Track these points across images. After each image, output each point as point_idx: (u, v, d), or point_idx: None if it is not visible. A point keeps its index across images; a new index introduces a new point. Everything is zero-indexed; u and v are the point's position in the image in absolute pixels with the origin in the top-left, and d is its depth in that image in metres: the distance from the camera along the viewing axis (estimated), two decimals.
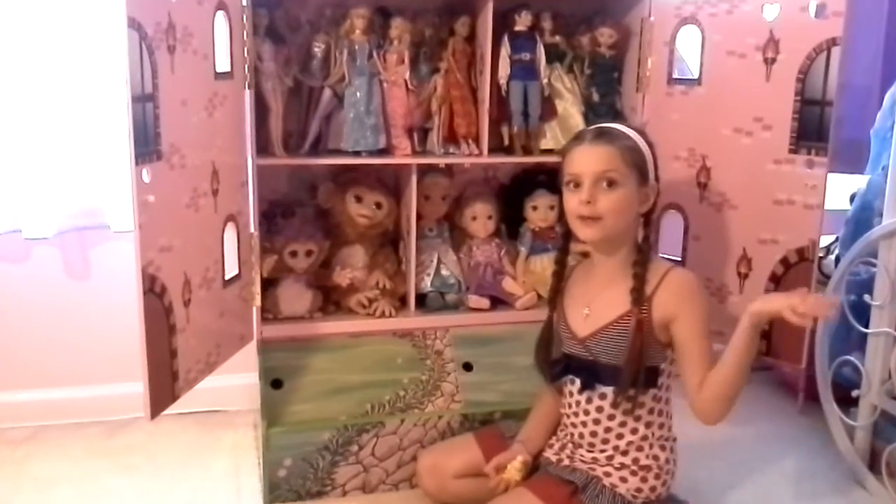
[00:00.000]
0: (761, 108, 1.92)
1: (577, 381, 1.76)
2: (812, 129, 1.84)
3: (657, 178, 1.74)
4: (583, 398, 1.75)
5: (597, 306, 1.74)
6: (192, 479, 2.08)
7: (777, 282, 1.95)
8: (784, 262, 1.93)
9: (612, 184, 1.65)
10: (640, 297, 1.67)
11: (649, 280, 1.69)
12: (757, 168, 1.94)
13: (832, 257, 2.47)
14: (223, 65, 1.79)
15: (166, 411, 2.39)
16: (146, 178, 1.51)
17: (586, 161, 1.67)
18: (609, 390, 1.71)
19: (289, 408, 1.96)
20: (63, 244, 2.25)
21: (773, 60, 1.89)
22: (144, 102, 1.50)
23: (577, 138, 1.74)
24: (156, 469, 2.13)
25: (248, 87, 1.90)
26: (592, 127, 1.77)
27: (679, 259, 2.15)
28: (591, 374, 1.73)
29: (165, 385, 1.64)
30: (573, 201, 1.68)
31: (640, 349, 1.65)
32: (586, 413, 1.75)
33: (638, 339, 1.65)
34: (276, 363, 2.03)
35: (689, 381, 1.65)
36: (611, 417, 1.72)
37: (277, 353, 2.04)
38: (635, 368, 1.65)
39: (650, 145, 1.73)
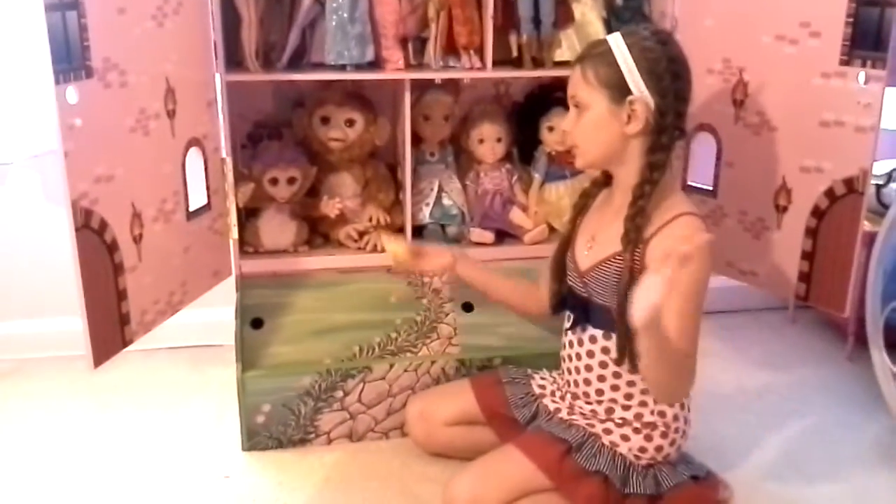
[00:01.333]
0: (809, 11, 1.62)
1: (571, 318, 1.58)
2: (869, 35, 1.54)
3: (665, 93, 1.43)
4: (574, 338, 1.58)
5: (601, 238, 1.54)
6: (172, 422, 1.95)
7: (820, 217, 1.68)
8: (829, 193, 1.66)
9: (578, 107, 1.49)
10: (631, 238, 1.44)
11: (653, 220, 1.45)
12: (802, 83, 1.66)
13: (894, 185, 2.17)
14: None
15: (156, 345, 2.34)
16: (71, 98, 1.32)
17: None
18: (599, 334, 1.52)
19: (268, 349, 1.81)
20: (41, 167, 2.11)
21: None
22: (65, 11, 1.29)
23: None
24: (136, 409, 2.01)
25: None
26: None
27: (710, 188, 1.89)
28: (583, 312, 1.55)
29: (112, 329, 1.49)
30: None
31: (626, 288, 1.42)
32: (578, 357, 1.57)
33: (627, 286, 1.42)
34: (256, 301, 1.86)
35: None
36: (603, 365, 1.53)
37: (258, 289, 1.87)
38: (624, 314, 1.42)
39: (645, 50, 1.43)
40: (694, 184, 1.93)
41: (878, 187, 2.16)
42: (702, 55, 1.76)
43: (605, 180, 1.60)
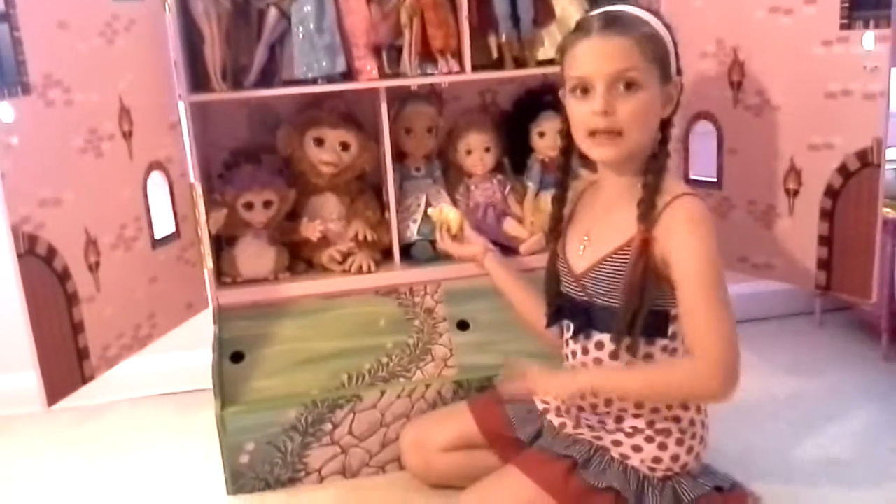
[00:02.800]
0: None
1: (572, 327, 1.43)
2: None
3: (679, 71, 1.35)
4: (578, 347, 1.42)
5: (597, 234, 1.39)
6: (157, 470, 1.83)
7: (835, 197, 1.54)
8: (842, 170, 1.53)
9: (631, 86, 1.28)
10: (648, 209, 1.30)
11: (657, 201, 1.31)
12: (802, 54, 1.54)
13: None
14: None
15: (144, 393, 2.23)
16: (6, 115, 1.23)
17: (597, 59, 1.29)
18: (606, 338, 1.36)
19: (250, 384, 1.68)
20: None
21: None
22: None
23: (580, 29, 1.34)
24: (121, 458, 1.89)
25: (168, 11, 1.59)
26: (597, 12, 1.35)
27: (714, 180, 1.76)
28: (586, 317, 1.40)
29: (69, 365, 1.38)
30: (583, 112, 1.31)
31: (640, 282, 1.28)
32: (584, 367, 1.41)
33: (639, 269, 1.29)
34: (235, 333, 1.74)
35: (688, 343, 1.30)
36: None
37: (237, 321, 1.76)
38: (633, 307, 1.29)
39: (669, 29, 1.34)
40: (696, 177, 1.80)
41: None
42: (693, 39, 1.65)
43: (564, 179, 1.47)
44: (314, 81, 1.73)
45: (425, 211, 1.89)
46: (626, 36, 1.28)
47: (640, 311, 1.30)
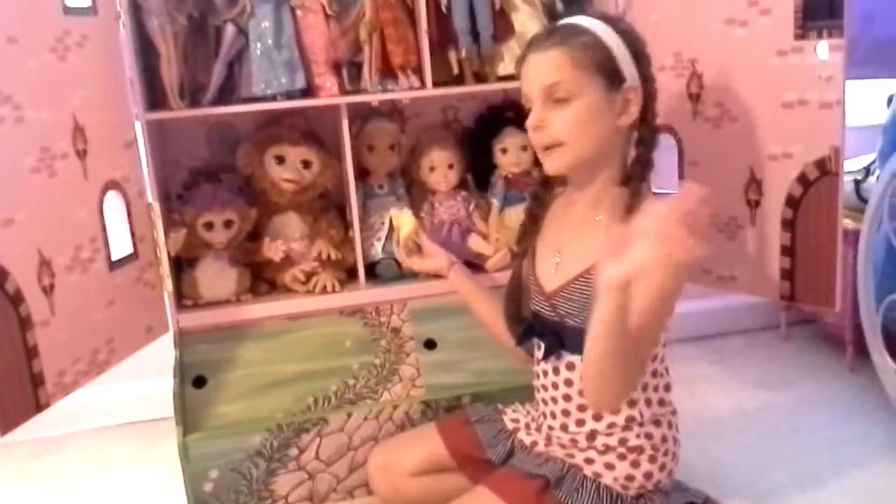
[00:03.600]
0: None
1: (542, 347, 1.40)
2: (821, 4, 1.45)
3: (647, 78, 1.34)
4: (549, 367, 1.39)
5: (569, 253, 1.37)
6: (120, 500, 1.77)
7: (796, 206, 1.55)
8: (802, 179, 1.53)
9: (562, 99, 1.28)
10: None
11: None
12: (758, 65, 1.55)
13: (873, 179, 2.05)
14: None
15: (104, 423, 2.16)
16: None
17: (533, 74, 1.31)
18: (578, 360, 1.33)
19: (213, 409, 1.64)
20: None
21: None
22: None
23: (529, 45, 1.34)
24: (81, 490, 1.83)
25: (122, 27, 1.57)
26: (545, 27, 1.36)
27: (675, 192, 1.76)
28: (557, 338, 1.37)
29: (23, 391, 1.32)
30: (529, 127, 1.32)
31: None
32: (555, 387, 1.39)
33: None
34: (197, 357, 1.70)
35: None
36: (583, 393, 1.34)
37: (199, 345, 1.71)
38: None
39: (625, 33, 1.32)
40: (658, 191, 1.80)
41: (857, 182, 2.05)
42: (651, 52, 1.65)
43: (543, 193, 1.46)
44: (273, 98, 1.71)
45: (389, 229, 1.87)
46: (559, 48, 1.28)
47: None
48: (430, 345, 1.77)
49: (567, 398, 1.37)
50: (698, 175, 1.71)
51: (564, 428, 1.38)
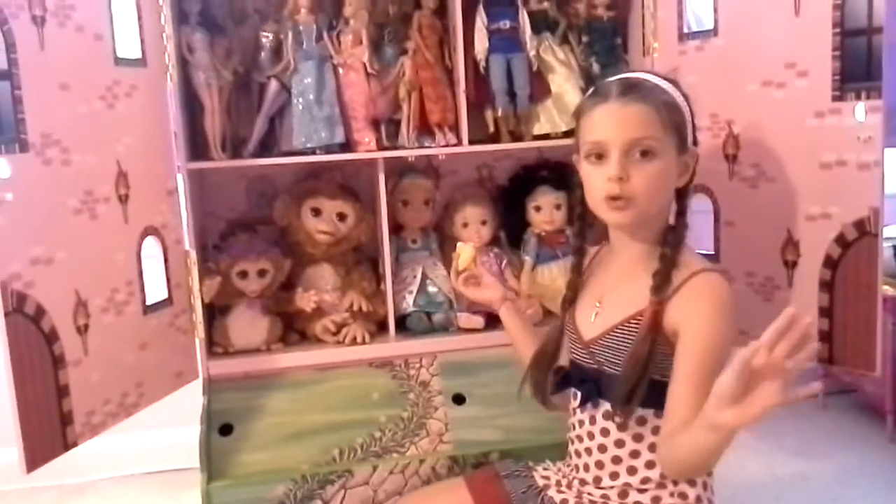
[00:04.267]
0: (793, 51, 1.54)
1: (579, 395, 1.38)
2: (859, 65, 1.45)
3: (696, 141, 1.37)
4: (585, 416, 1.38)
5: (609, 302, 1.37)
6: None
7: (834, 267, 1.53)
8: (840, 240, 1.51)
9: (647, 153, 1.27)
10: (663, 282, 1.28)
11: (673, 276, 1.30)
12: (795, 126, 1.55)
13: None
14: (128, 50, 1.52)
15: (128, 471, 2.15)
16: (3, 171, 1.23)
17: (614, 124, 1.29)
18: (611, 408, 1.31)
19: (238, 457, 1.63)
20: None
21: None
22: None
23: (598, 93, 1.34)
24: None
25: (170, 80, 1.62)
26: (615, 78, 1.35)
27: (712, 252, 1.75)
28: (594, 386, 1.36)
29: (51, 429, 1.33)
30: (598, 178, 1.30)
31: (647, 350, 1.25)
32: (590, 437, 1.37)
33: (647, 341, 1.26)
34: (225, 405, 1.69)
35: (664, 415, 1.25)
36: (619, 444, 1.33)
37: (228, 392, 1.71)
38: (636, 374, 1.25)
39: (686, 98, 1.35)
40: (700, 251, 1.79)
41: None
42: None
43: (581, 246, 1.46)
44: (313, 152, 1.75)
45: (421, 283, 1.88)
46: (644, 103, 1.28)
47: (641, 382, 1.27)
48: (458, 399, 1.75)
49: (602, 449, 1.34)
50: (734, 235, 1.70)
51: (597, 482, 1.35)
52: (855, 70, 1.45)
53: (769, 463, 1.79)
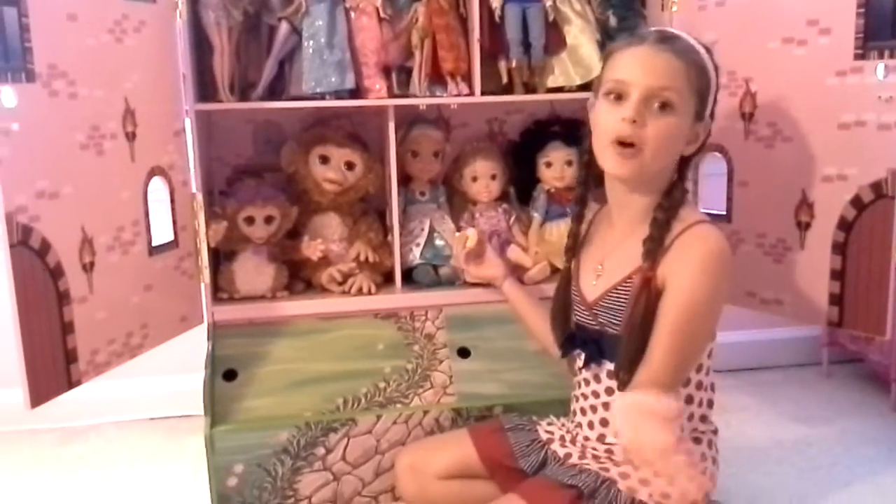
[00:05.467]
0: (815, 8, 1.51)
1: (583, 356, 1.38)
2: (883, 23, 1.43)
3: (713, 115, 1.35)
4: (589, 376, 1.38)
5: (610, 263, 1.38)
6: (142, 490, 1.76)
7: (848, 230, 1.51)
8: (856, 202, 1.50)
9: (665, 107, 1.26)
10: (654, 247, 1.28)
11: (670, 231, 1.29)
12: (815, 85, 1.53)
13: None
14: None
15: (132, 416, 2.15)
16: (8, 100, 1.21)
17: (642, 67, 1.27)
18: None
19: (241, 403, 1.62)
20: None
21: None
22: (2, 6, 1.20)
23: (634, 38, 1.33)
24: (101, 480, 1.82)
25: (179, 17, 1.58)
26: (654, 29, 1.36)
27: (724, 213, 1.73)
28: (597, 347, 1.36)
29: (56, 366, 1.32)
30: (612, 118, 1.28)
31: (642, 313, 1.26)
32: (595, 395, 1.38)
33: (640, 304, 1.26)
34: (230, 351, 1.69)
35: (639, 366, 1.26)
36: None
37: (232, 338, 1.70)
38: (635, 338, 1.26)
39: (717, 70, 1.34)
40: (706, 210, 1.77)
41: None
42: None
43: (584, 196, 1.46)
44: (322, 97, 1.72)
45: (428, 235, 1.86)
46: (677, 57, 1.27)
47: (641, 343, 1.26)
48: (463, 353, 1.74)
49: (606, 406, 1.35)
50: (747, 195, 1.68)
51: (601, 438, 1.35)
52: (879, 28, 1.43)
53: (772, 428, 1.79)
